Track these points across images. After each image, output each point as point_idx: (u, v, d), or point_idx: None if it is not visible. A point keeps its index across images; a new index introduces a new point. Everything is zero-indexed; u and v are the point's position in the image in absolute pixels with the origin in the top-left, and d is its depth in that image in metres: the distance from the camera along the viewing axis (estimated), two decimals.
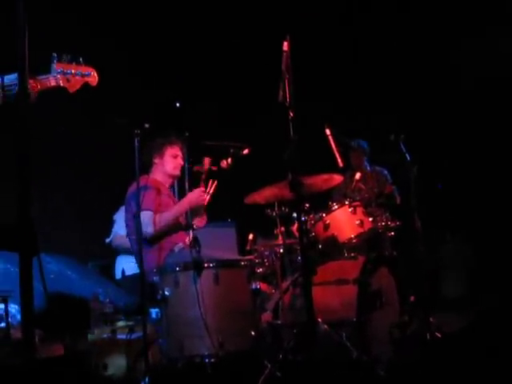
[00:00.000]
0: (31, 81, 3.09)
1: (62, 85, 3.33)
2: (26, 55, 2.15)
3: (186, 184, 4.62)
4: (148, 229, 4.49)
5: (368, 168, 6.82)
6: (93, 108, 5.33)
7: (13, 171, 2.26)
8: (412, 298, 4.98)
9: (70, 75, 3.35)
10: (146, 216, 4.48)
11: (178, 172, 4.95)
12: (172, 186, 5.05)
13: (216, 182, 4.91)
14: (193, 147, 4.79)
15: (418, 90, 7.85)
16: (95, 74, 3.47)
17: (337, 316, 4.31)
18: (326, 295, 4.37)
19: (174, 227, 4.69)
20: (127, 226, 4.75)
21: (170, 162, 4.93)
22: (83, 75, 3.40)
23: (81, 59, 3.41)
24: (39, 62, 2.25)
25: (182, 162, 4.88)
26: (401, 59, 7.81)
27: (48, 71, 3.29)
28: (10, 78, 3.13)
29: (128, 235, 4.76)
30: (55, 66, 3.31)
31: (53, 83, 3.30)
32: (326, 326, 4.17)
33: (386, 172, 6.83)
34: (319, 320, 4.12)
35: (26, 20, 2.16)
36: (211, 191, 4.89)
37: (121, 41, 7.10)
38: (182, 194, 4.86)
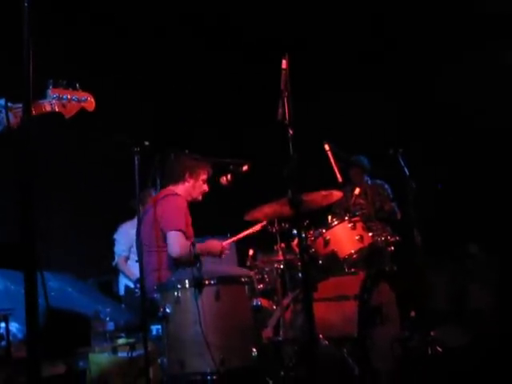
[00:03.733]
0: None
1: (57, 110, 3.34)
2: (30, 81, 2.15)
3: None
4: (174, 249, 4.63)
5: (369, 182, 6.84)
6: (91, 127, 5.36)
7: (15, 191, 2.28)
8: (412, 313, 4.98)
9: (66, 101, 3.36)
10: (176, 235, 4.65)
11: (200, 198, 5.04)
12: None
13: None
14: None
15: (416, 103, 7.89)
16: (92, 100, 3.48)
17: (338, 332, 4.31)
18: (326, 311, 4.37)
19: None
20: (143, 233, 4.64)
21: (200, 186, 5.00)
22: (79, 100, 3.42)
23: (77, 85, 3.43)
24: (34, 86, 2.26)
25: (207, 189, 4.96)
26: (398, 73, 7.86)
27: (43, 96, 3.31)
28: None
29: (138, 243, 4.65)
30: (50, 91, 3.33)
31: (48, 108, 3.31)
32: (326, 342, 4.17)
33: (386, 186, 6.85)
34: (320, 336, 4.12)
35: (31, 46, 2.16)
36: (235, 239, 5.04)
37: (119, 59, 7.15)
38: None
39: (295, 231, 4.50)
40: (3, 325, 4.38)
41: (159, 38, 7.44)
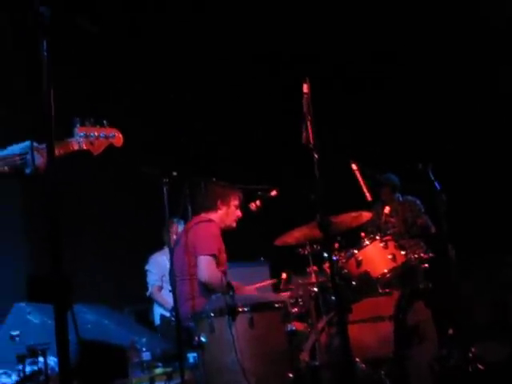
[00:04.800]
0: None
1: (85, 148, 3.36)
2: (51, 121, 2.21)
3: None
4: (203, 274, 4.67)
5: (400, 199, 6.79)
6: (120, 160, 5.43)
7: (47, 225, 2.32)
8: (450, 331, 4.90)
9: (94, 138, 3.38)
10: (206, 261, 4.68)
11: (235, 224, 5.06)
12: None
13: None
14: None
15: (444, 116, 7.84)
16: (120, 135, 3.50)
17: (374, 354, 4.25)
18: (362, 333, 4.32)
19: None
20: (175, 262, 4.65)
21: (233, 213, 5.04)
22: (107, 137, 3.44)
23: (105, 122, 3.45)
24: (61, 126, 2.30)
25: (241, 214, 4.98)
26: (426, 86, 7.82)
27: (71, 135, 3.33)
28: (13, 150, 3.19)
29: (172, 272, 4.62)
30: (77, 129, 3.35)
31: (75, 147, 3.33)
32: (363, 365, 4.12)
33: (418, 202, 6.79)
34: (357, 359, 4.08)
35: (51, 85, 2.21)
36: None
37: (144, 91, 7.25)
38: None
39: (326, 254, 4.48)
40: (41, 359, 4.42)
41: (183, 65, 7.51)
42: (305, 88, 3.75)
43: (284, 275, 5.20)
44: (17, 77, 6.14)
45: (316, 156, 3.64)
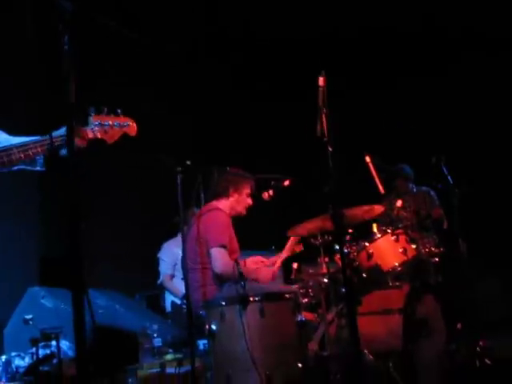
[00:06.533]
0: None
1: (99, 137, 3.37)
2: (73, 111, 2.24)
3: None
4: (217, 265, 4.71)
5: (414, 190, 6.78)
6: (134, 149, 5.49)
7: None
8: (459, 325, 4.92)
9: (108, 127, 3.39)
10: (219, 252, 4.72)
11: (245, 212, 5.10)
12: None
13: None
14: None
15: (459, 110, 7.81)
16: (134, 125, 3.49)
17: (383, 346, 4.29)
18: (371, 325, 4.35)
19: None
20: (187, 250, 4.67)
21: (244, 200, 5.06)
22: (121, 126, 3.44)
23: (119, 110, 3.45)
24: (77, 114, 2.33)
25: (251, 202, 5.02)
26: (441, 78, 7.79)
27: (85, 124, 3.34)
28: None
29: (184, 261, 4.64)
30: (92, 118, 3.36)
31: (90, 135, 3.34)
32: (371, 357, 4.16)
33: (432, 192, 6.74)
34: (365, 351, 4.12)
35: (71, 78, 2.25)
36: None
37: (157, 80, 7.27)
38: None
39: (337, 246, 4.51)
40: (54, 343, 4.47)
41: (197, 55, 7.54)
42: (320, 81, 3.74)
43: (295, 265, 5.22)
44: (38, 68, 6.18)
45: (330, 149, 3.64)
